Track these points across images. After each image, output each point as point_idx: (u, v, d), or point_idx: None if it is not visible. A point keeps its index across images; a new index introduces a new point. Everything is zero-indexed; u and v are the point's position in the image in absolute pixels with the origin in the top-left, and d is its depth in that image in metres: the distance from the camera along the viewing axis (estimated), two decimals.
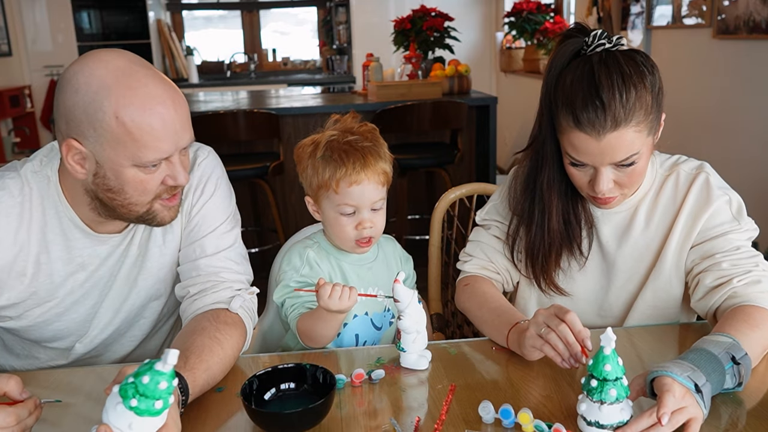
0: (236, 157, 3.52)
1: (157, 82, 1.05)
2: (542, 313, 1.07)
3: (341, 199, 1.23)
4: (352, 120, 1.29)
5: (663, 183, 1.27)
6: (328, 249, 1.32)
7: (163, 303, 1.31)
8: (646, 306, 1.29)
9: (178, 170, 1.09)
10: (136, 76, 1.03)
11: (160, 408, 0.78)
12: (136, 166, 1.06)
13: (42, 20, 5.94)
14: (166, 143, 1.05)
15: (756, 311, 1.10)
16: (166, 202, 1.13)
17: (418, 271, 1.46)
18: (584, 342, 1.01)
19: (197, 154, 1.28)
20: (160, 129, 1.03)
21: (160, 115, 1.03)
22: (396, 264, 1.39)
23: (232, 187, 1.33)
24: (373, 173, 1.23)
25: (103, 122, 1.01)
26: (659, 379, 0.91)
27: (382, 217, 1.28)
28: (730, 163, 2.93)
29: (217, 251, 1.24)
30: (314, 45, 7.46)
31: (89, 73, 1.02)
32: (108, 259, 1.22)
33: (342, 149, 1.22)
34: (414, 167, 3.51)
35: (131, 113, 1.01)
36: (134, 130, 1.02)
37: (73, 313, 1.23)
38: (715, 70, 3.09)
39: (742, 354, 0.98)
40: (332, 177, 1.22)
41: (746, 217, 1.22)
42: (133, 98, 1.01)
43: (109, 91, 1.01)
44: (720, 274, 1.17)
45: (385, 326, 1.36)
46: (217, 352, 1.08)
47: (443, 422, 0.96)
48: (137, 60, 1.07)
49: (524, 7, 4.92)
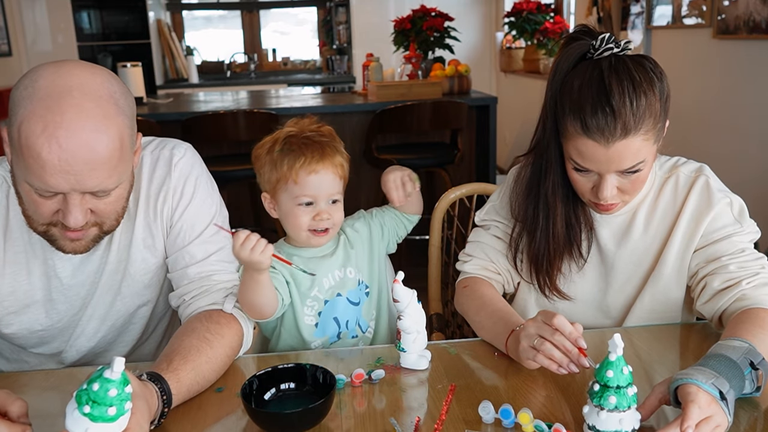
0: (236, 157, 3.51)
1: (82, 118, 0.95)
2: (532, 324, 1.05)
3: (300, 190, 1.25)
4: (309, 122, 1.32)
5: (662, 186, 1.26)
6: (287, 249, 1.32)
7: (152, 308, 1.29)
8: (644, 310, 1.28)
9: (69, 211, 1.00)
10: (65, 100, 0.95)
11: (113, 414, 0.77)
12: (27, 183, 0.99)
13: (42, 20, 5.94)
14: (55, 179, 0.96)
15: (767, 314, 1.09)
16: (65, 233, 1.05)
17: (419, 271, 1.46)
18: (578, 343, 1.00)
19: (173, 153, 1.23)
20: (48, 162, 0.94)
21: (55, 149, 0.94)
22: (359, 237, 1.38)
23: (214, 181, 1.30)
24: (331, 164, 1.26)
25: (13, 126, 0.97)
26: (684, 387, 0.89)
27: (339, 211, 1.30)
28: (730, 163, 2.93)
29: (206, 256, 1.21)
30: (314, 45, 7.46)
31: (38, 77, 0.97)
32: (84, 266, 1.19)
33: (300, 142, 1.26)
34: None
35: (29, 131, 0.94)
36: (24, 149, 0.95)
37: (56, 322, 1.22)
38: (715, 70, 3.09)
39: (760, 359, 0.96)
40: (291, 167, 1.24)
41: (748, 219, 1.21)
42: (41, 119, 0.94)
43: (31, 101, 0.95)
44: (728, 276, 1.16)
45: (362, 299, 1.37)
46: (206, 351, 1.07)
47: (443, 422, 0.96)
48: (91, 86, 0.98)
49: (524, 7, 4.92)
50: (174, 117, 3.45)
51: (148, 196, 1.21)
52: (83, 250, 1.09)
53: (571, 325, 1.02)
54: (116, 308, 1.24)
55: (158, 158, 1.22)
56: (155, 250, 1.23)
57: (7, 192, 1.15)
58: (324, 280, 1.32)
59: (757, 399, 1.00)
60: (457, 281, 1.40)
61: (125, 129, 1.02)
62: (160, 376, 0.97)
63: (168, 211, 1.21)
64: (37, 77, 0.98)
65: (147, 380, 0.95)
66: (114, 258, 1.20)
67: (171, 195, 1.21)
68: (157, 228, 1.21)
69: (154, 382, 0.95)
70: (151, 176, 1.21)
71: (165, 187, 1.21)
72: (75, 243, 1.07)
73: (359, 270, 1.37)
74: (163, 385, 0.96)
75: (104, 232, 1.10)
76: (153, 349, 1.38)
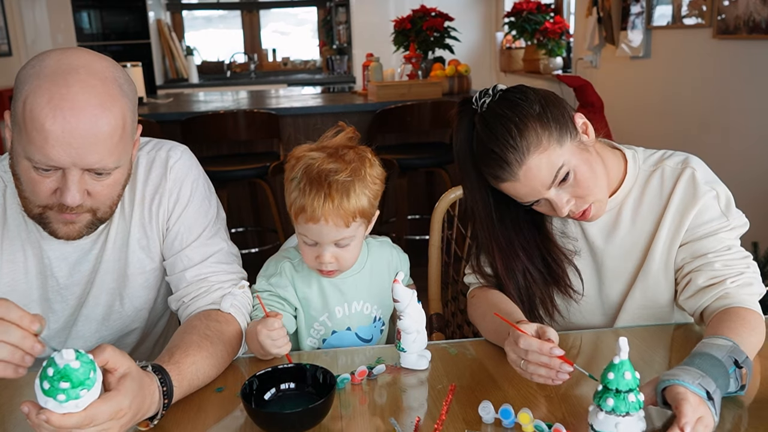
0: (236, 157, 3.52)
1: (87, 93, 0.97)
2: (510, 349, 1.03)
3: (301, 230, 1.18)
4: (349, 138, 1.21)
5: (648, 179, 1.25)
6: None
7: (149, 310, 1.29)
8: (635, 306, 1.28)
9: (67, 187, 1.00)
10: (71, 76, 0.97)
11: (62, 400, 0.78)
12: (27, 159, 1.00)
13: (42, 20, 5.94)
14: (56, 151, 0.97)
15: (749, 314, 1.10)
16: (60, 215, 1.05)
17: (419, 271, 1.45)
18: (552, 353, 0.97)
19: (169, 155, 1.22)
20: (52, 133, 0.95)
21: (59, 120, 0.95)
22: (385, 270, 1.33)
23: (211, 183, 1.29)
24: (334, 214, 1.12)
25: (17, 102, 0.99)
26: (671, 389, 0.89)
27: (350, 252, 1.20)
28: (729, 163, 2.93)
29: (204, 258, 1.21)
30: (314, 45, 7.47)
31: (45, 56, 1.00)
32: (80, 265, 1.19)
33: (311, 178, 1.13)
34: (414, 167, 3.51)
35: (34, 103, 0.96)
36: (28, 121, 0.96)
37: (52, 323, 1.22)
38: (715, 70, 3.09)
39: (744, 357, 0.97)
40: (294, 205, 1.15)
41: (734, 211, 1.20)
42: (47, 92, 0.96)
43: (37, 78, 0.97)
44: (713, 274, 1.16)
45: (375, 337, 1.34)
46: (207, 347, 1.07)
47: (443, 422, 0.96)
48: (97, 67, 1.00)
49: (524, 7, 4.92)
50: (174, 117, 3.45)
51: (144, 197, 1.20)
52: (76, 236, 1.09)
53: (537, 339, 0.99)
54: (115, 310, 1.24)
55: (154, 159, 1.22)
56: (150, 252, 1.22)
57: (4, 191, 1.15)
58: (337, 309, 1.27)
59: (741, 397, 0.99)
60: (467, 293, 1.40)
61: (128, 111, 1.04)
62: (161, 368, 0.97)
63: (164, 214, 1.21)
64: (43, 57, 1.00)
65: (150, 371, 0.95)
66: (109, 257, 1.20)
67: (167, 198, 1.20)
68: (152, 230, 1.21)
69: (156, 374, 0.95)
70: (146, 178, 1.21)
71: (161, 189, 1.20)
72: (68, 227, 1.07)
73: (380, 305, 1.31)
74: (165, 377, 0.96)
75: (98, 219, 1.10)
76: (149, 350, 1.37)
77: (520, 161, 1.12)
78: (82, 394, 0.79)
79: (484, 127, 1.16)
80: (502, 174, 1.14)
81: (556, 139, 1.13)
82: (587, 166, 1.15)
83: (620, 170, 1.26)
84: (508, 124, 1.13)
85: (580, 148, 1.16)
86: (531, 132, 1.12)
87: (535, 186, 1.14)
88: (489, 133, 1.14)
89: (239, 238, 3.84)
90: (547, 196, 1.15)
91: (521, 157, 1.12)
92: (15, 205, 1.13)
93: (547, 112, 1.14)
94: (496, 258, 1.27)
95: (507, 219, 1.26)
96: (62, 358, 0.77)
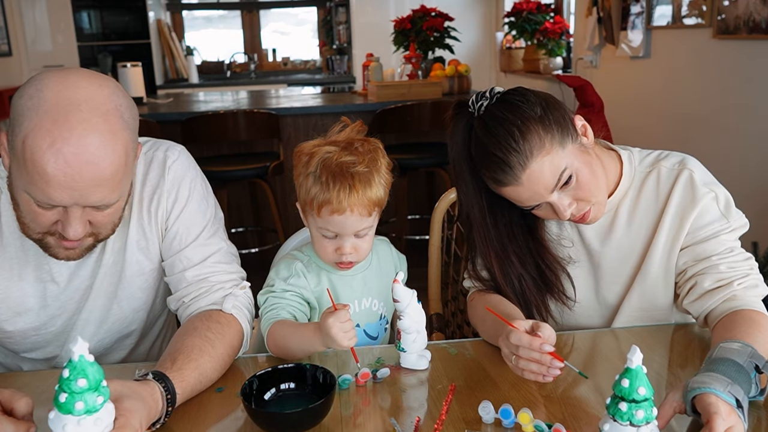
0: (236, 157, 3.52)
1: (89, 135, 0.95)
2: (503, 344, 1.04)
3: (323, 223, 1.18)
4: (357, 132, 1.23)
5: (643, 181, 1.25)
6: (318, 262, 1.27)
7: (148, 311, 1.29)
8: (633, 308, 1.27)
9: (69, 223, 1.00)
10: (72, 115, 0.94)
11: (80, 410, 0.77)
12: (28, 194, 0.99)
13: (42, 20, 5.94)
14: (59, 193, 0.96)
15: (759, 316, 1.09)
16: (60, 242, 1.05)
17: (419, 271, 1.45)
18: (543, 349, 0.97)
19: (167, 155, 1.21)
20: (54, 177, 0.94)
21: (61, 165, 0.93)
22: (390, 268, 1.35)
23: (208, 183, 1.28)
24: (359, 204, 1.15)
25: (16, 137, 0.96)
26: (703, 398, 0.87)
27: (367, 242, 1.22)
28: (730, 163, 2.93)
29: (203, 258, 1.20)
30: (314, 45, 7.47)
31: (43, 86, 0.96)
32: (80, 270, 1.19)
33: (332, 171, 1.15)
34: (414, 167, 3.51)
35: (35, 146, 0.93)
36: (29, 163, 0.94)
37: (51, 327, 1.21)
38: (715, 70, 3.09)
39: (764, 362, 0.95)
40: (315, 200, 1.15)
41: (734, 211, 1.20)
42: (48, 134, 0.93)
43: (36, 114, 0.94)
44: (719, 276, 1.16)
45: (381, 334, 1.35)
46: (208, 350, 1.07)
47: (443, 422, 0.96)
48: (98, 99, 0.97)
49: (524, 7, 4.92)
50: (174, 117, 3.45)
51: (141, 198, 1.20)
52: (76, 258, 1.09)
53: (528, 335, 0.99)
54: (113, 312, 1.24)
55: (152, 160, 1.21)
56: (149, 253, 1.22)
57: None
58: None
59: (758, 400, 0.99)
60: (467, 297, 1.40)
61: (129, 143, 1.02)
62: (164, 376, 0.97)
63: (163, 215, 1.20)
64: (42, 86, 0.96)
65: (152, 380, 0.95)
66: (108, 261, 1.20)
67: (165, 198, 1.20)
68: (151, 231, 1.21)
69: (159, 382, 0.96)
70: (144, 178, 1.20)
71: (159, 190, 1.20)
72: (69, 251, 1.07)
73: (385, 303, 1.32)
74: (168, 385, 0.96)
75: (98, 241, 1.10)
76: (147, 350, 1.37)
77: (523, 165, 1.11)
78: (98, 403, 0.78)
79: (484, 130, 1.15)
80: (504, 178, 1.13)
81: (558, 142, 1.12)
82: (588, 169, 1.15)
83: (616, 172, 1.25)
84: (509, 127, 1.12)
85: (581, 151, 1.15)
86: (533, 135, 1.11)
87: (538, 190, 1.13)
88: (490, 136, 1.13)
89: (239, 238, 3.84)
90: (549, 200, 1.15)
91: (524, 160, 1.11)
92: (9, 212, 1.12)
93: (549, 115, 1.13)
94: (493, 262, 1.26)
95: (501, 224, 1.25)
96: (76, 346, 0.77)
